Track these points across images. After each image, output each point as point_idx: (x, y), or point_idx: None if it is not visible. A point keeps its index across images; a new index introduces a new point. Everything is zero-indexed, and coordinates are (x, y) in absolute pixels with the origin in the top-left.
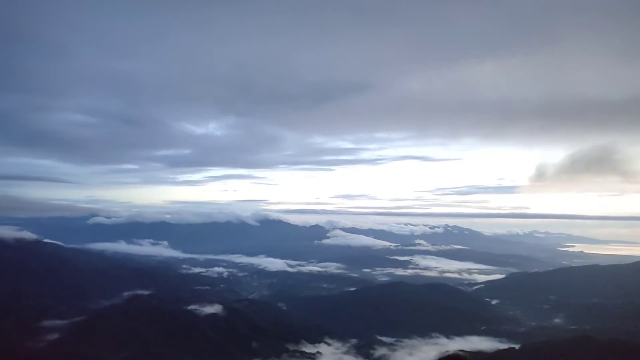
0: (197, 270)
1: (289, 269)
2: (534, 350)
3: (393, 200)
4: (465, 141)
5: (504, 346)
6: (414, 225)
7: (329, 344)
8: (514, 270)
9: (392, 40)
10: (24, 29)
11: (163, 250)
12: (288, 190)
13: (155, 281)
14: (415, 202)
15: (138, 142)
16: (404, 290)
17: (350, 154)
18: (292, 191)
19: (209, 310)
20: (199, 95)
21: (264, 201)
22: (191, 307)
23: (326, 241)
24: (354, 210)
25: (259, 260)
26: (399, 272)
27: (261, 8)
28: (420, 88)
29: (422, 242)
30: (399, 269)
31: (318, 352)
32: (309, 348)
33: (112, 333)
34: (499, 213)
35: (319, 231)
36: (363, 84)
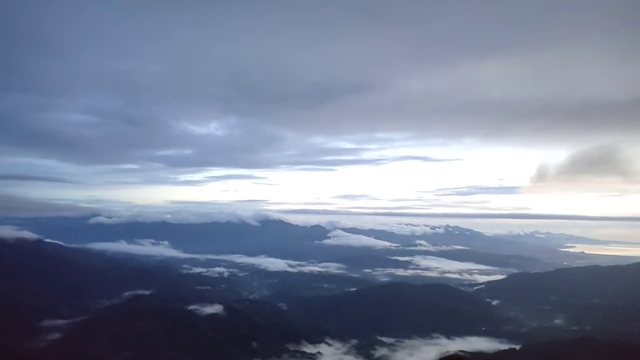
0: (197, 270)
1: (290, 269)
2: (534, 351)
3: (394, 200)
4: (466, 141)
5: (504, 347)
6: (415, 226)
7: (329, 344)
8: (515, 271)
9: (393, 40)
10: (25, 28)
11: (164, 250)
12: (289, 190)
13: (156, 281)
14: (416, 203)
15: (139, 141)
16: (404, 291)
17: (351, 154)
18: (292, 191)
19: (210, 310)
20: (200, 95)
21: (265, 201)
22: (192, 307)
23: (327, 241)
24: (355, 210)
25: (260, 261)
26: (400, 272)
27: (262, 8)
28: (421, 88)
29: (422, 242)
30: (400, 269)
31: (318, 353)
32: (309, 348)
33: (112, 333)
34: (500, 213)
35: (319, 231)
36: (364, 83)
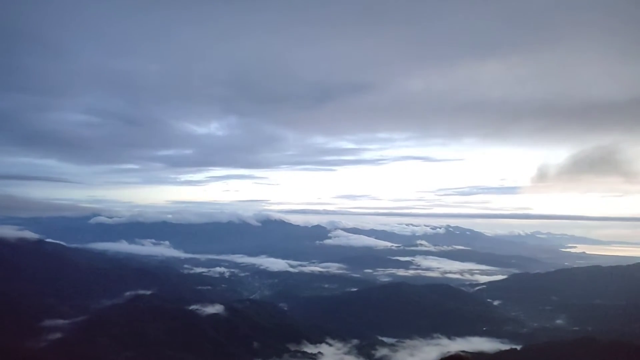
0: (198, 270)
1: (291, 269)
2: (535, 352)
3: (395, 200)
4: (467, 141)
5: (505, 347)
6: (416, 226)
7: (330, 345)
8: (516, 271)
9: (394, 40)
10: (24, 28)
11: (164, 250)
12: (289, 190)
13: (157, 281)
14: (417, 203)
15: (139, 141)
16: (405, 291)
17: (352, 154)
18: (293, 191)
19: (211, 310)
20: (200, 94)
21: (266, 201)
22: (193, 307)
23: (328, 241)
24: (356, 210)
25: (261, 261)
26: (401, 272)
27: (262, 7)
28: (422, 88)
29: (423, 242)
30: (401, 269)
31: (319, 353)
32: (310, 348)
33: (113, 333)
34: (501, 214)
35: (320, 231)
36: (364, 83)
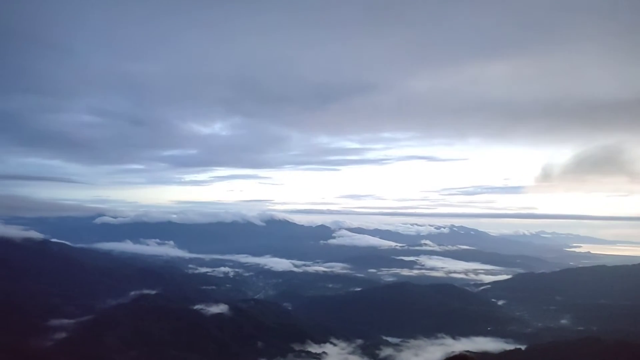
0: (203, 270)
1: (295, 269)
2: (540, 351)
3: (399, 200)
4: (471, 141)
5: (510, 347)
6: (420, 226)
7: (334, 344)
8: (521, 271)
9: (398, 40)
10: (32, 30)
11: (169, 250)
12: (294, 190)
13: (162, 281)
14: (421, 202)
15: (144, 142)
16: (409, 291)
17: (356, 154)
18: (298, 191)
19: (215, 309)
20: (205, 95)
21: (270, 201)
22: (197, 306)
23: (332, 241)
24: (360, 210)
25: (265, 260)
26: (405, 272)
27: (267, 9)
28: (426, 88)
29: (428, 242)
30: (405, 269)
31: (324, 352)
32: (314, 348)
33: (118, 332)
34: (505, 213)
35: (324, 231)
36: (369, 84)
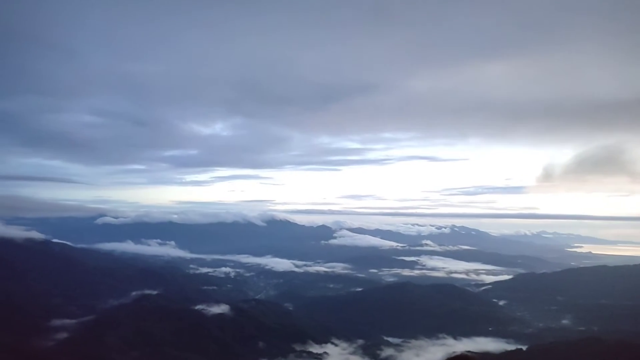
0: (204, 270)
1: (296, 269)
2: (541, 352)
3: (400, 200)
4: (472, 141)
5: (511, 347)
6: (421, 226)
7: (335, 345)
8: (522, 271)
9: (399, 41)
10: (34, 31)
11: (170, 250)
12: (295, 190)
13: (163, 281)
14: (422, 203)
15: (145, 142)
16: (410, 291)
17: (357, 154)
18: (298, 191)
19: (216, 310)
20: (205, 96)
21: (271, 201)
22: (198, 307)
23: (333, 241)
24: (361, 210)
25: (266, 261)
26: (406, 272)
27: (268, 9)
28: (427, 88)
29: (429, 242)
30: (406, 269)
31: (325, 353)
32: (315, 348)
33: (120, 332)
34: (506, 213)
35: (325, 231)
36: (369, 84)
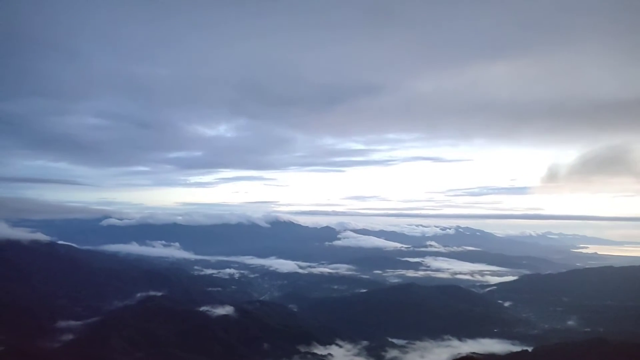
0: (208, 271)
1: (300, 271)
2: (546, 353)
3: (404, 201)
4: (476, 142)
5: (516, 349)
6: (425, 227)
7: (340, 346)
8: (527, 272)
9: (403, 42)
10: (38, 33)
11: (175, 252)
12: (299, 191)
13: (168, 282)
14: (427, 203)
15: (150, 144)
16: (415, 292)
17: (361, 155)
18: (302, 192)
19: (221, 311)
20: (210, 97)
21: (275, 202)
22: (203, 308)
23: (337, 242)
24: (365, 211)
25: (270, 262)
26: (410, 273)
27: (271, 11)
28: (431, 89)
29: (433, 243)
30: (410, 270)
31: (329, 354)
32: (320, 350)
33: (125, 334)
34: (511, 214)
35: (329, 232)
36: (373, 85)
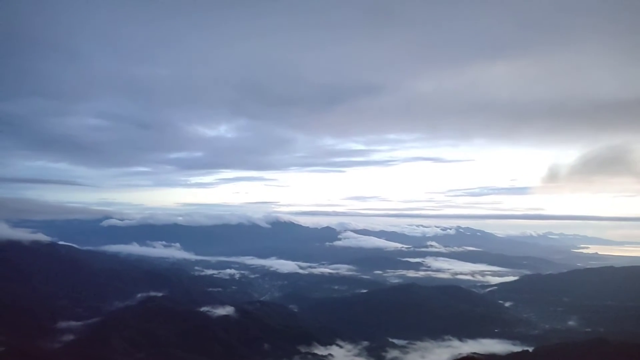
0: (209, 272)
1: (301, 271)
2: (547, 353)
3: (404, 201)
4: (476, 142)
5: (517, 349)
6: (426, 227)
7: (340, 346)
8: (528, 272)
9: (403, 42)
10: (38, 34)
11: (175, 252)
12: (299, 192)
13: (168, 283)
14: (427, 204)
15: (150, 144)
16: (415, 292)
17: (361, 156)
18: (303, 193)
19: (221, 311)
20: (210, 98)
21: (275, 203)
22: (203, 308)
23: (337, 243)
24: (365, 211)
25: (271, 262)
26: (411, 274)
27: (271, 11)
28: (431, 89)
29: (434, 243)
30: (411, 270)
31: (330, 355)
32: (320, 350)
33: (126, 334)
34: (512, 214)
35: (330, 233)
36: (374, 85)
